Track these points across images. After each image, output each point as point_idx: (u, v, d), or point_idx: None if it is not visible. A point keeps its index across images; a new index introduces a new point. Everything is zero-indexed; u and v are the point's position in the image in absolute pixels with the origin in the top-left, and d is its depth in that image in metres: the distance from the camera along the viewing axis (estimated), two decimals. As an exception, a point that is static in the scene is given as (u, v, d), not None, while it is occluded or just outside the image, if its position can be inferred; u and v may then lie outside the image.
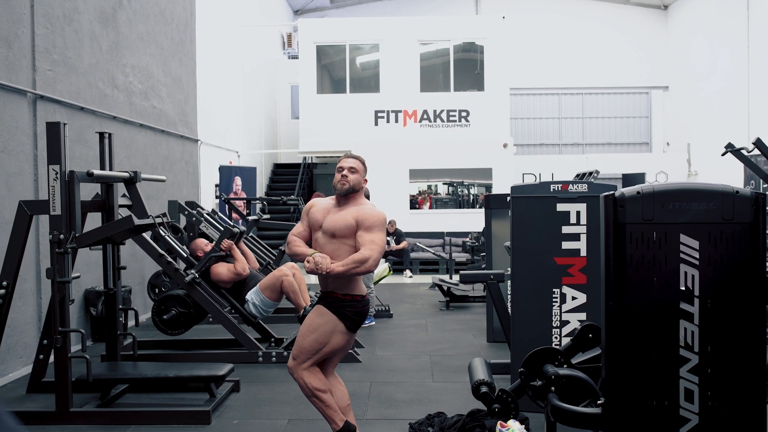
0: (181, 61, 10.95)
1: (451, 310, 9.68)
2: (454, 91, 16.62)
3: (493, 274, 5.73)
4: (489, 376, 3.62)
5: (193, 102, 11.52)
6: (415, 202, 16.36)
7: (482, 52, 16.63)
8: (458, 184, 16.58)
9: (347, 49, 16.79)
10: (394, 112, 16.42)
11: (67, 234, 4.81)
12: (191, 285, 6.43)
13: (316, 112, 16.36)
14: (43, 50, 6.78)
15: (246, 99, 16.35)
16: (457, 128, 16.37)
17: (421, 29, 16.69)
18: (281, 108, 20.19)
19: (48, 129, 4.84)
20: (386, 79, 16.52)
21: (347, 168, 4.01)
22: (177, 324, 6.82)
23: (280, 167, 19.60)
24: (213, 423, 4.83)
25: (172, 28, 10.57)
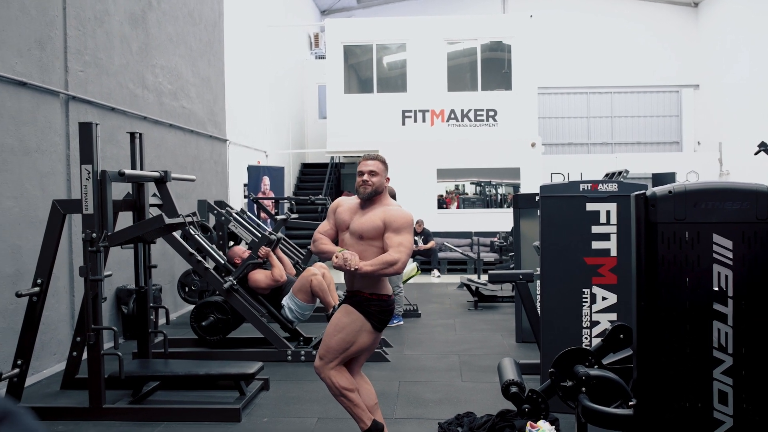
0: (210, 61, 11.04)
1: (480, 310, 9.65)
2: (481, 91, 16.56)
3: (522, 274, 5.70)
4: (519, 377, 3.60)
5: (221, 102, 11.61)
6: (443, 202, 16.33)
7: (509, 51, 16.55)
8: (486, 183, 16.51)
9: (374, 49, 16.81)
10: (421, 112, 16.40)
11: (99, 233, 4.87)
12: (229, 292, 6.49)
13: (344, 111, 16.40)
14: (75, 52, 6.88)
15: (274, 99, 16.44)
16: (485, 128, 16.30)
17: (448, 28, 16.65)
18: (309, 108, 20.27)
19: (80, 129, 4.91)
20: (413, 78, 16.51)
21: (367, 171, 4.00)
22: (215, 330, 6.92)
23: (307, 167, 19.68)
24: (243, 421, 4.87)
25: (201, 29, 10.67)
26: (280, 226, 9.63)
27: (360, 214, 3.99)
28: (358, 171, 4.02)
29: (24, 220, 6.00)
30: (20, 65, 5.98)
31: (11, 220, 5.84)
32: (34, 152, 6.17)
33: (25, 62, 6.06)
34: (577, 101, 21.47)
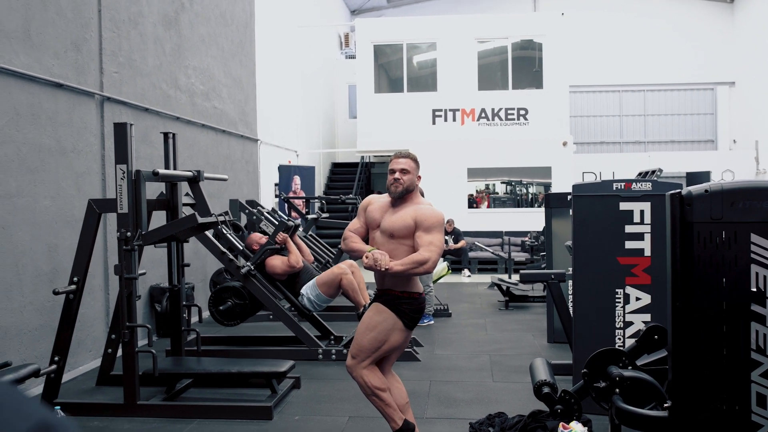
0: (241, 62, 11.13)
1: (511, 310, 9.60)
2: (512, 89, 16.47)
3: (554, 274, 5.66)
4: (551, 377, 3.58)
5: (252, 102, 11.70)
6: (473, 201, 16.27)
7: (541, 49, 16.43)
8: (516, 183, 16.42)
9: (404, 48, 16.80)
10: (451, 111, 16.36)
11: (133, 231, 4.94)
12: (246, 277, 6.53)
13: (374, 111, 16.42)
14: (109, 53, 6.98)
15: (304, 99, 16.52)
16: (516, 126, 16.21)
17: (479, 27, 16.58)
18: (339, 107, 20.34)
19: (115, 129, 4.98)
20: (444, 77, 16.47)
21: (399, 170, 3.98)
22: (233, 315, 6.94)
23: (338, 166, 19.74)
24: (275, 419, 4.90)
25: (232, 30, 10.76)
26: (311, 225, 9.68)
27: (391, 213, 3.98)
28: (390, 169, 4.02)
29: (60, 219, 6.11)
30: (57, 67, 6.09)
31: (48, 219, 5.94)
32: (70, 152, 6.28)
33: (62, 64, 6.17)
34: (609, 99, 21.25)
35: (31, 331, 5.67)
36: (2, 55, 5.37)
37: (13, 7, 5.52)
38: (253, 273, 6.58)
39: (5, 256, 5.39)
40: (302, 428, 4.75)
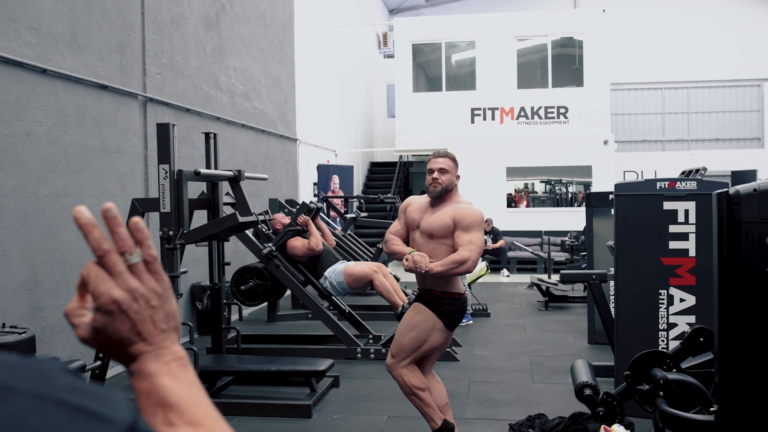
0: (281, 62, 11.22)
1: (550, 310, 9.50)
2: (552, 88, 16.30)
3: (596, 274, 5.58)
4: (593, 379, 3.53)
5: (292, 102, 11.78)
6: (512, 201, 16.16)
7: (581, 47, 16.24)
8: (556, 182, 16.25)
9: (443, 47, 16.76)
10: (490, 110, 16.26)
11: (176, 230, 5.01)
12: (268, 258, 6.56)
13: (412, 110, 16.40)
14: (152, 55, 7.09)
15: (343, 98, 16.58)
16: (555, 125, 16.05)
17: (518, 25, 16.46)
18: (377, 107, 20.36)
19: (158, 130, 5.06)
20: (482, 76, 16.38)
21: (437, 169, 3.96)
22: (254, 295, 7.01)
23: (376, 166, 19.77)
24: (314, 417, 4.93)
25: (272, 31, 10.84)
26: (350, 224, 9.71)
27: (430, 213, 3.97)
28: (428, 169, 4.00)
29: (105, 218, 6.22)
30: (102, 69, 6.20)
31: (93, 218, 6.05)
32: (114, 152, 6.39)
33: (107, 66, 6.28)
34: (651, 97, 20.90)
35: (76, 328, 5.78)
36: (50, 58, 5.49)
37: (60, 11, 5.64)
38: (275, 254, 6.62)
39: (52, 254, 5.51)
40: (341, 427, 4.76)
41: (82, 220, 0.68)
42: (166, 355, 0.72)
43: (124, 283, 0.70)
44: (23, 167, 5.19)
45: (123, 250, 0.71)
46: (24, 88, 5.21)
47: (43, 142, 5.42)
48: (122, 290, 0.70)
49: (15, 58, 5.07)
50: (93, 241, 0.69)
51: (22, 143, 5.19)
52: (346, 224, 9.72)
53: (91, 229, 0.69)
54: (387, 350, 6.01)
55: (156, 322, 0.73)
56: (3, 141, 4.98)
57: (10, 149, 5.06)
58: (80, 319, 0.73)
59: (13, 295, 5.08)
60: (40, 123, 5.38)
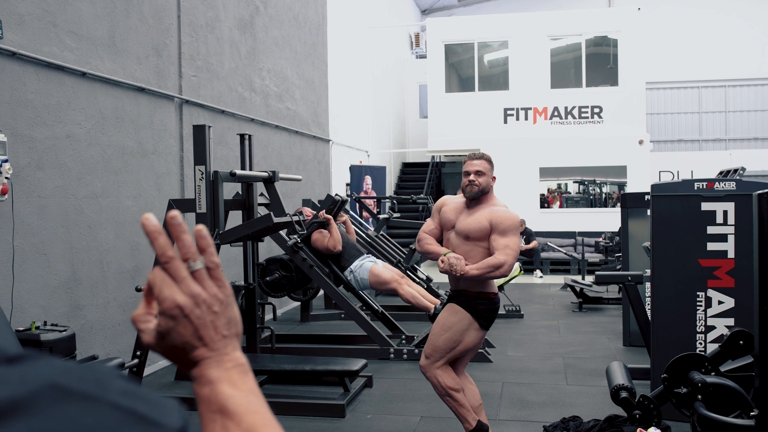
0: (314, 63, 11.28)
1: (584, 312, 9.42)
2: (586, 87, 16.15)
3: (631, 276, 5.52)
4: (629, 381, 3.50)
5: (324, 103, 11.84)
6: (545, 201, 16.04)
7: (616, 45, 16.07)
8: (590, 182, 16.10)
9: (476, 47, 16.70)
10: (523, 110, 16.17)
11: (211, 231, 5.07)
12: (293, 249, 6.61)
13: (445, 110, 16.37)
14: (188, 57, 7.18)
15: (375, 99, 16.61)
16: (589, 125, 15.90)
17: (552, 24, 16.34)
18: (409, 107, 20.36)
19: (194, 132, 5.13)
20: (515, 76, 16.29)
21: (473, 172, 3.95)
22: (279, 287, 7.06)
23: (408, 166, 19.76)
24: (347, 416, 4.95)
25: (305, 32, 10.91)
26: (382, 225, 9.73)
27: (466, 214, 3.96)
28: (464, 171, 3.99)
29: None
30: (139, 72, 6.30)
31: (130, 218, 6.16)
32: (150, 154, 6.49)
33: (144, 69, 6.38)
34: (687, 96, 20.58)
35: (114, 326, 5.89)
36: (89, 61, 5.60)
37: (99, 15, 5.74)
38: (300, 246, 6.67)
39: (91, 253, 5.62)
40: (374, 427, 4.78)
41: (149, 227, 0.71)
42: (227, 362, 0.74)
43: (187, 289, 0.72)
44: (64, 168, 5.30)
45: (187, 256, 0.73)
46: (64, 91, 5.32)
47: (82, 144, 5.52)
48: (185, 295, 0.72)
49: (56, 62, 5.18)
50: (158, 247, 0.71)
51: (63, 145, 5.29)
52: (379, 225, 9.73)
53: (157, 236, 0.71)
54: (420, 351, 6.03)
55: (218, 328, 0.74)
56: (44, 143, 5.09)
57: (51, 151, 5.17)
58: (146, 325, 0.75)
59: (54, 293, 5.19)
60: (79, 125, 5.49)
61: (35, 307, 4.97)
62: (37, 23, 5.04)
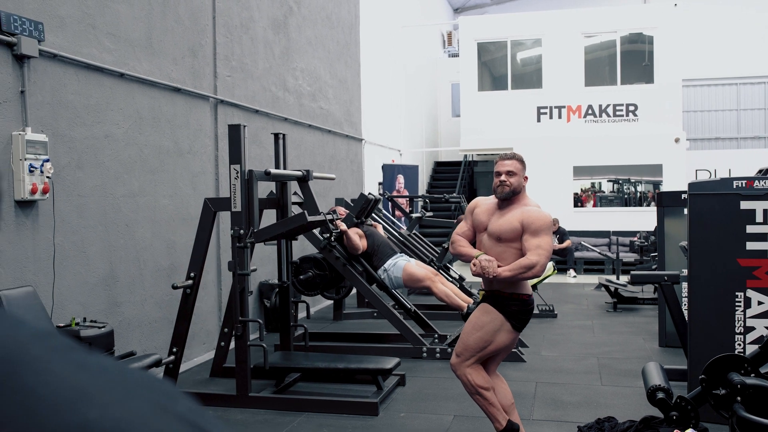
0: (347, 63, 11.32)
1: (619, 312, 9.32)
2: (620, 85, 15.97)
3: (668, 275, 5.45)
4: (665, 382, 3.46)
5: (357, 102, 11.88)
6: (578, 200, 15.90)
7: (651, 42, 15.86)
8: (624, 181, 15.91)
9: (508, 45, 16.61)
10: (557, 108, 16.04)
11: (246, 229, 5.12)
12: (326, 248, 6.63)
13: (477, 109, 16.31)
14: (223, 58, 7.26)
15: (407, 98, 16.61)
16: (624, 123, 15.72)
17: (586, 21, 16.18)
18: (442, 106, 20.32)
19: (230, 131, 5.18)
20: (549, 74, 16.17)
21: (504, 172, 3.93)
22: (313, 285, 7.10)
23: (440, 165, 19.73)
24: (380, 415, 4.96)
25: (338, 32, 10.95)
26: (415, 224, 9.74)
27: (498, 215, 3.95)
28: (495, 171, 3.98)
29: (177, 217, 6.41)
30: (175, 72, 6.39)
31: (166, 217, 6.25)
32: (186, 153, 6.57)
33: (180, 69, 6.46)
34: (725, 93, 20.21)
35: (150, 323, 5.98)
36: (127, 62, 5.69)
37: (136, 17, 5.83)
38: (333, 245, 6.69)
39: (128, 251, 5.71)
40: (407, 425, 4.79)
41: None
42: None
43: None
44: (102, 168, 5.40)
45: None
46: (103, 92, 5.42)
47: (120, 144, 5.62)
48: None
49: (95, 63, 5.27)
50: None
51: (102, 145, 5.39)
52: (411, 224, 9.74)
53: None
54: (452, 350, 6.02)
55: None
56: (84, 143, 5.18)
57: (91, 151, 5.27)
58: None
59: (93, 290, 5.28)
60: (117, 125, 5.58)
61: (75, 303, 5.07)
62: (77, 26, 5.14)
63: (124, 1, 5.67)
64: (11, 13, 4.51)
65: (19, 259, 4.56)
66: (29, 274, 4.64)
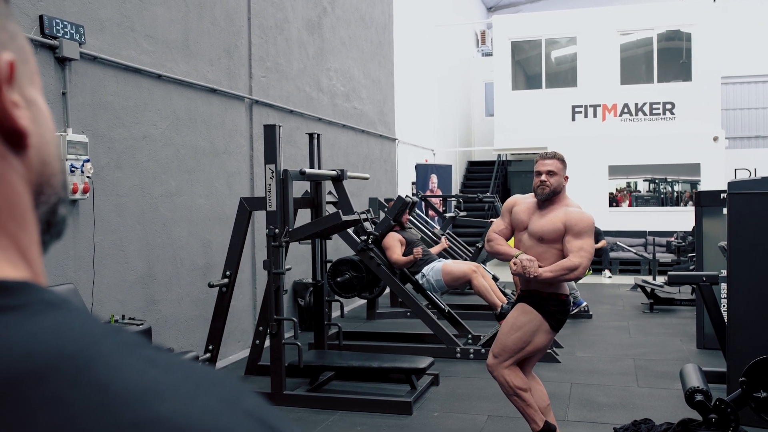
0: (380, 63, 11.34)
1: (655, 313, 9.20)
2: (657, 83, 15.75)
3: (706, 276, 5.37)
4: (704, 384, 3.42)
5: (390, 102, 11.89)
6: (614, 200, 15.72)
7: (689, 39, 15.60)
8: (661, 180, 15.68)
9: (543, 44, 16.48)
10: (592, 107, 15.88)
11: (281, 229, 5.16)
12: (363, 251, 6.64)
13: (511, 108, 16.22)
14: (258, 59, 7.32)
15: (441, 97, 16.58)
16: (661, 121, 15.50)
17: (622, 19, 15.98)
18: (475, 106, 20.24)
19: (265, 131, 5.23)
20: (584, 72, 16.01)
21: (545, 172, 3.89)
22: (350, 287, 7.12)
23: (474, 165, 19.65)
24: (414, 414, 4.97)
25: (372, 32, 10.98)
26: (449, 223, 9.72)
27: (539, 215, 3.91)
28: (536, 171, 3.94)
29: (213, 217, 6.48)
30: (211, 73, 6.46)
31: (203, 216, 6.33)
32: (222, 153, 6.65)
33: (216, 70, 6.54)
34: (765, 90, 19.81)
35: (187, 321, 6.06)
36: (164, 64, 5.77)
37: (173, 19, 5.92)
38: (370, 247, 6.70)
39: (166, 250, 5.79)
40: (441, 425, 4.78)
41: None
42: None
43: None
44: (140, 168, 5.48)
45: None
46: (141, 93, 5.50)
47: (158, 144, 5.70)
48: None
49: (134, 65, 5.36)
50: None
51: (140, 145, 5.48)
52: (445, 223, 9.72)
53: None
54: (486, 350, 6.00)
55: None
56: (123, 143, 5.27)
57: (129, 151, 5.35)
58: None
59: (131, 288, 5.37)
60: (155, 126, 5.67)
61: (114, 301, 5.16)
62: (116, 28, 5.23)
63: (162, 4, 5.75)
64: (53, 16, 4.60)
65: (60, 258, 4.65)
66: (70, 272, 4.73)
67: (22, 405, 0.37)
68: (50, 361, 0.39)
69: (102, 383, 0.39)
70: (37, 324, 0.41)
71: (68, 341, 0.41)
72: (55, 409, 0.37)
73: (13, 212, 0.46)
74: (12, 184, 0.46)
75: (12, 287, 0.43)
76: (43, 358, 0.39)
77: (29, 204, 0.48)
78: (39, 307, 0.43)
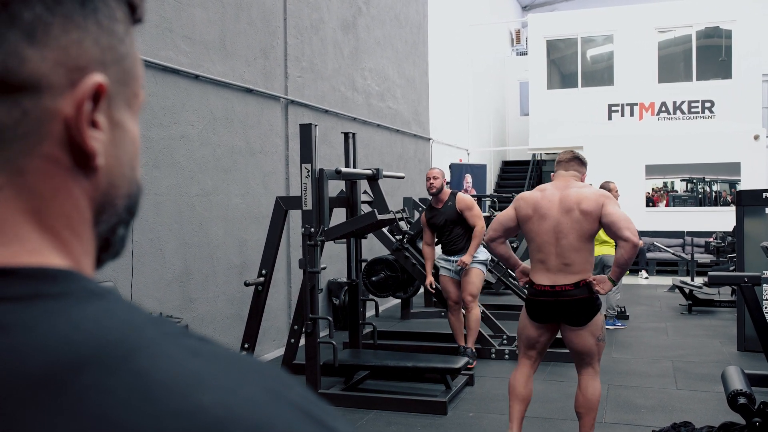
0: (415, 62, 11.33)
1: (694, 315, 9.05)
2: (696, 81, 15.48)
3: (748, 277, 5.26)
4: (747, 387, 3.35)
5: (425, 102, 11.87)
6: (651, 200, 15.49)
7: (729, 36, 15.32)
8: (699, 180, 15.41)
9: (578, 42, 16.32)
10: (629, 106, 15.68)
11: (317, 228, 5.18)
12: (398, 250, 6.62)
13: (546, 108, 16.08)
14: (293, 59, 7.36)
15: (475, 97, 16.51)
16: (700, 120, 15.24)
17: (660, 16, 15.75)
18: (509, 105, 20.12)
19: (301, 130, 5.25)
20: (620, 71, 15.82)
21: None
22: (385, 286, 7.11)
23: (508, 164, 19.56)
24: (449, 414, 4.95)
25: (406, 32, 10.97)
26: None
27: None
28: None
29: (249, 216, 6.54)
30: (248, 73, 6.51)
31: (239, 215, 6.38)
32: (258, 153, 6.70)
33: (252, 71, 6.59)
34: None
35: (223, 319, 6.11)
36: (201, 64, 5.83)
37: (211, 20, 5.98)
38: (405, 246, 6.67)
39: (202, 248, 5.85)
40: (476, 425, 4.76)
41: None
42: None
43: None
44: (177, 167, 5.55)
45: None
46: (179, 93, 5.57)
47: (195, 144, 5.76)
48: None
49: (172, 66, 5.43)
50: None
51: (177, 145, 5.54)
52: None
53: None
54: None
55: None
56: (160, 143, 5.34)
57: (167, 151, 5.42)
58: None
59: (169, 286, 5.44)
60: (192, 126, 5.73)
61: (151, 299, 5.23)
62: (155, 29, 5.30)
63: (199, 5, 5.82)
64: (94, 18, 4.67)
65: (100, 256, 4.72)
66: (109, 270, 4.80)
67: (64, 392, 0.37)
68: (92, 350, 0.39)
69: (143, 372, 0.39)
70: (80, 312, 0.41)
71: (110, 330, 0.41)
72: (96, 397, 0.37)
73: (69, 223, 0.47)
74: (74, 197, 0.47)
75: (56, 275, 0.43)
76: (85, 346, 0.39)
77: (89, 219, 0.49)
78: (82, 295, 0.43)
